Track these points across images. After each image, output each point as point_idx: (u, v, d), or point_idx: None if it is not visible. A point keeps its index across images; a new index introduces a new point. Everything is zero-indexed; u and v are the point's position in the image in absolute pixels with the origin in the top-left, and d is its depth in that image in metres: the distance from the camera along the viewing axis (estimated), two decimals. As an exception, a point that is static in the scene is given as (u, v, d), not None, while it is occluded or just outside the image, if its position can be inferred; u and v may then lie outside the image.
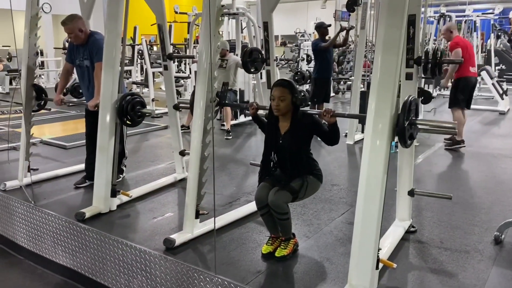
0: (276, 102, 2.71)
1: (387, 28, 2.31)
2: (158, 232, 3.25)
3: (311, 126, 2.77)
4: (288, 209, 2.76)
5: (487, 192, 4.18)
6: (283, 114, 2.76)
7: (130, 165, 4.74)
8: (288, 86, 2.73)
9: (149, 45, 11.04)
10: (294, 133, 2.76)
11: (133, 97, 3.66)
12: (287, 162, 2.81)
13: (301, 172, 2.80)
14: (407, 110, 2.33)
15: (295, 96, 2.73)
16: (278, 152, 2.84)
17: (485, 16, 11.90)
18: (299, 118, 2.77)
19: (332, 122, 2.67)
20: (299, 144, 2.78)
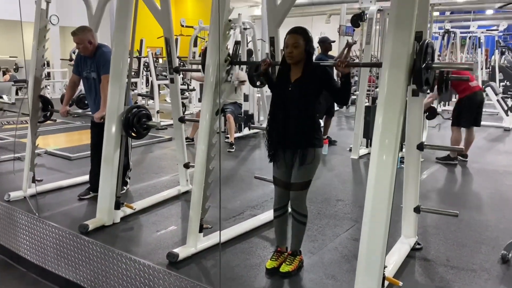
0: (290, 49, 2.65)
1: (394, 44, 2.32)
2: (162, 245, 3.22)
3: (323, 77, 2.70)
4: (307, 212, 2.85)
5: (493, 209, 4.14)
6: (296, 62, 2.69)
7: (134, 177, 4.73)
8: (303, 33, 2.67)
9: (155, 57, 11.12)
10: (305, 81, 2.68)
11: (139, 110, 3.67)
12: (294, 115, 2.70)
13: (306, 132, 2.70)
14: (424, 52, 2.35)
15: (309, 44, 2.68)
16: (286, 102, 2.72)
17: (490, 33, 11.96)
18: (312, 67, 2.72)
19: (346, 72, 2.61)
20: (308, 93, 2.69)
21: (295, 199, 2.80)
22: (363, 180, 5.14)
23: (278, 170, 2.83)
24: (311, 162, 2.70)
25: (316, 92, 2.71)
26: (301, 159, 2.69)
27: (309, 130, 2.71)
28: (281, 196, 2.87)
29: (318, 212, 3.91)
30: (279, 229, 2.93)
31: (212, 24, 3.06)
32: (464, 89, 5.62)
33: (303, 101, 2.69)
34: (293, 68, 2.74)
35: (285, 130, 2.73)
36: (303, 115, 2.70)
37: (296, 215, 2.82)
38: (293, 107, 2.70)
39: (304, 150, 2.69)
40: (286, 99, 2.72)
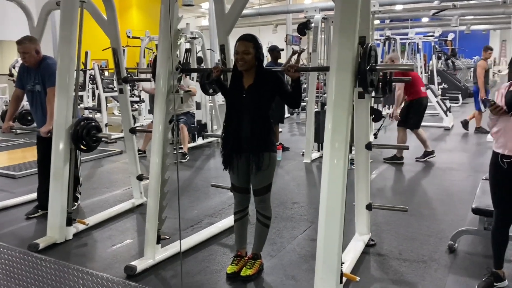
0: (240, 56, 2.69)
1: (340, 49, 2.42)
2: (118, 259, 3.14)
3: (275, 83, 2.75)
4: (271, 215, 2.89)
5: (439, 203, 4.38)
6: (247, 69, 2.73)
7: (85, 192, 4.59)
8: (252, 40, 2.72)
9: (101, 69, 10.84)
10: (258, 87, 2.73)
11: (88, 122, 3.59)
12: (249, 121, 2.73)
13: (261, 137, 2.73)
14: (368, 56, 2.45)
15: (259, 51, 2.73)
16: (241, 108, 2.76)
17: (426, 39, 12.65)
18: (263, 73, 2.77)
19: (296, 77, 2.69)
20: (262, 100, 2.74)
21: (259, 202, 2.84)
22: (316, 182, 5.27)
23: (235, 177, 2.85)
24: (268, 166, 2.75)
25: (270, 98, 2.77)
26: (258, 164, 2.73)
27: (264, 135, 2.76)
28: (241, 200, 2.90)
29: (275, 216, 3.96)
30: (239, 231, 2.95)
31: (161, 33, 3.05)
32: (415, 92, 5.93)
33: (257, 107, 2.74)
34: (245, 75, 2.78)
35: (240, 136, 2.76)
36: (258, 121, 2.75)
37: (260, 217, 2.86)
38: (248, 113, 2.74)
39: (260, 155, 2.73)
40: (241, 106, 2.76)
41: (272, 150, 2.80)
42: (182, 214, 4.06)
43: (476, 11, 17.44)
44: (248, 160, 2.77)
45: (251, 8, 20.68)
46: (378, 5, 6.31)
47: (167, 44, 3.02)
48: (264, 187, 2.80)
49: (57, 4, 4.05)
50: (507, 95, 2.52)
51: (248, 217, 2.98)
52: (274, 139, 2.88)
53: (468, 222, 3.66)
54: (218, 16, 3.58)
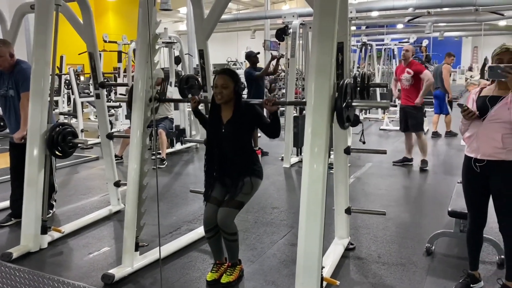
0: (219, 89, 2.70)
1: (319, 54, 2.44)
2: (95, 268, 3.08)
3: (253, 116, 2.77)
4: (236, 230, 2.77)
5: (416, 206, 4.46)
6: (226, 102, 2.74)
7: (60, 200, 4.48)
8: (231, 74, 2.74)
9: (77, 74, 10.65)
10: (237, 122, 2.74)
11: (64, 127, 3.51)
12: (230, 153, 2.76)
13: (244, 166, 2.76)
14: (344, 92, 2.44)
15: (238, 85, 2.74)
16: (221, 142, 2.78)
17: (402, 45, 12.87)
18: (242, 107, 2.77)
19: (274, 111, 2.70)
20: (241, 133, 2.75)
21: (223, 218, 2.69)
22: (296, 187, 5.28)
23: (214, 191, 2.82)
24: (249, 188, 2.75)
25: (249, 128, 2.80)
26: (239, 184, 2.74)
27: (248, 164, 2.79)
28: (210, 215, 2.76)
29: (255, 221, 3.95)
30: (214, 247, 2.88)
31: (139, 37, 3.02)
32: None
33: (237, 141, 2.76)
34: (223, 108, 2.80)
35: (222, 167, 2.79)
36: (240, 153, 2.77)
37: (226, 235, 2.75)
38: (229, 147, 2.77)
39: (241, 180, 2.75)
40: (221, 140, 2.79)
41: (255, 175, 2.81)
42: (161, 220, 4.00)
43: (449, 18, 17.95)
44: (230, 183, 2.78)
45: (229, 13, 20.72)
46: (355, 12, 6.39)
47: (145, 49, 2.98)
48: (236, 201, 2.72)
49: (31, 7, 3.97)
50: (478, 101, 2.58)
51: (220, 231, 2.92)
52: (259, 164, 2.88)
53: (444, 225, 3.73)
54: (197, 21, 3.57)
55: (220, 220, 2.70)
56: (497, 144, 2.47)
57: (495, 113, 2.47)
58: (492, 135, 2.48)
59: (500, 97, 2.48)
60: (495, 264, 3.05)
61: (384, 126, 9.61)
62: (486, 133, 2.51)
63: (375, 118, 11.14)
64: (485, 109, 2.51)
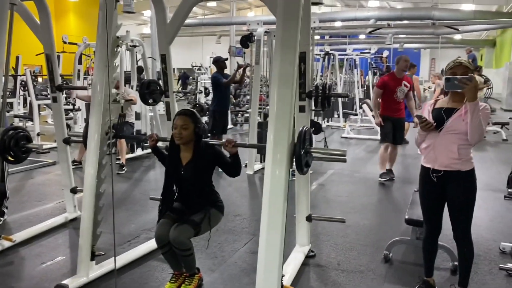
0: (179, 130, 2.67)
1: (281, 64, 2.45)
2: (48, 278, 2.96)
3: (214, 157, 2.76)
4: (191, 245, 2.70)
5: (375, 213, 4.55)
6: (185, 143, 2.71)
7: (12, 206, 4.28)
8: (191, 115, 2.71)
9: (34, 76, 10.27)
10: (197, 164, 2.72)
11: (17, 131, 3.35)
12: (189, 193, 2.75)
13: (203, 204, 2.75)
14: (302, 139, 2.47)
15: (198, 126, 2.71)
16: (180, 183, 2.76)
17: (363, 55, 13.23)
18: (202, 148, 2.75)
19: (234, 153, 2.70)
20: (201, 174, 2.74)
21: (177, 236, 2.61)
22: (259, 194, 5.28)
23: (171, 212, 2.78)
24: (208, 219, 2.72)
25: (209, 169, 2.79)
26: (199, 214, 2.70)
27: (206, 199, 2.77)
28: (162, 233, 2.67)
29: (217, 229, 3.89)
30: (170, 260, 2.82)
31: (98, 40, 2.94)
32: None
33: (197, 182, 2.74)
34: (183, 149, 2.77)
35: (180, 204, 2.78)
36: (199, 194, 2.75)
37: (178, 251, 2.66)
38: (187, 186, 2.75)
39: (203, 209, 2.73)
40: (180, 181, 2.76)
41: (217, 207, 2.81)
42: (119, 228, 3.90)
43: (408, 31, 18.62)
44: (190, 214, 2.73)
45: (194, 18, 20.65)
46: (318, 21, 6.49)
47: (105, 52, 2.91)
48: (192, 220, 2.66)
49: (-16, 5, 3.78)
50: (433, 112, 2.67)
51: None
52: (218, 199, 2.86)
53: (402, 232, 3.82)
54: (159, 25, 3.51)
55: (173, 239, 2.61)
56: (453, 155, 2.55)
57: (451, 125, 2.55)
58: (448, 146, 2.57)
59: (455, 109, 2.57)
60: (449, 271, 3.15)
61: (345, 134, 9.82)
62: (442, 144, 2.59)
63: (337, 126, 11.36)
64: (441, 120, 2.59)
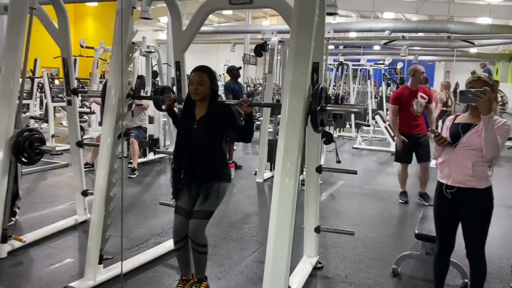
0: (195, 86, 2.67)
1: (294, 73, 2.46)
2: (56, 280, 2.97)
3: (227, 115, 2.74)
4: (207, 242, 2.74)
5: (385, 227, 4.50)
6: (201, 99, 2.71)
7: (24, 207, 4.33)
8: (207, 71, 2.72)
9: (51, 78, 10.43)
10: (210, 119, 2.71)
11: (31, 133, 3.42)
12: (200, 151, 2.71)
13: (212, 169, 2.71)
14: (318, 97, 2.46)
15: (214, 82, 2.72)
16: (192, 139, 2.72)
17: (377, 66, 13.19)
18: (217, 105, 2.75)
19: (249, 112, 2.69)
20: (213, 131, 2.72)
21: (194, 229, 2.69)
22: (268, 202, 5.27)
23: (181, 200, 2.78)
24: (216, 195, 2.71)
25: (221, 130, 2.77)
26: (207, 192, 2.69)
27: (216, 165, 2.74)
28: (180, 227, 2.74)
29: (225, 236, 3.91)
30: (182, 260, 2.84)
31: (114, 45, 2.98)
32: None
33: (208, 138, 2.72)
34: (198, 105, 2.77)
35: (191, 167, 2.74)
36: (209, 152, 2.72)
37: (195, 247, 2.72)
38: (199, 144, 2.72)
39: (210, 184, 2.70)
40: (191, 136, 2.74)
41: (223, 179, 2.78)
42: (128, 232, 3.92)
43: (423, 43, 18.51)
44: (198, 189, 2.73)
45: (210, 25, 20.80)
46: (332, 32, 6.51)
47: (120, 58, 2.94)
48: (205, 211, 2.70)
49: (4, 9, 3.87)
50: (452, 128, 2.64)
51: (189, 243, 2.89)
52: (228, 168, 2.85)
53: (411, 247, 3.77)
54: (174, 32, 3.55)
55: (191, 233, 2.68)
56: (467, 171, 2.52)
57: (467, 140, 2.52)
58: (463, 162, 2.53)
59: (473, 124, 2.54)
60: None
61: (357, 144, 9.75)
62: (457, 160, 2.55)
63: (348, 136, 11.31)
64: (458, 136, 2.56)
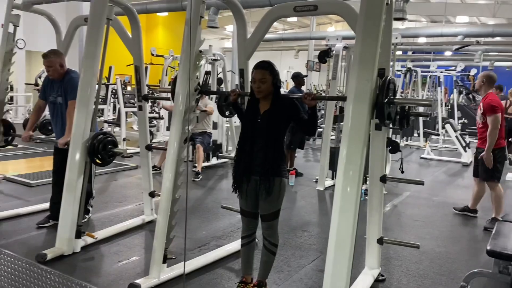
0: (257, 84, 2.71)
1: (358, 80, 2.42)
2: (123, 276, 3.13)
3: (291, 109, 2.75)
4: (278, 242, 2.84)
5: (453, 241, 4.27)
6: (265, 96, 2.75)
7: (96, 206, 4.61)
8: (268, 68, 2.74)
9: (123, 85, 11.06)
10: (274, 113, 2.73)
11: (105, 136, 3.63)
12: (262, 143, 2.72)
13: (272, 163, 2.71)
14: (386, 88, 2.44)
15: (276, 77, 2.75)
16: (255, 133, 2.75)
17: (448, 73, 12.59)
18: (280, 99, 2.77)
19: (313, 105, 2.68)
20: (277, 124, 2.73)
21: (267, 228, 2.80)
22: (328, 211, 5.20)
23: (244, 201, 2.83)
24: (277, 191, 2.73)
25: (284, 124, 2.77)
26: (268, 189, 2.70)
27: (276, 160, 2.74)
28: (248, 224, 2.88)
29: (284, 243, 3.91)
30: (246, 257, 2.92)
31: (183, 53, 3.10)
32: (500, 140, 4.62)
33: (271, 132, 2.73)
34: (262, 101, 2.80)
35: (252, 160, 2.75)
36: (271, 146, 2.73)
37: (267, 244, 2.81)
38: (261, 138, 2.73)
39: (270, 180, 2.71)
40: (255, 130, 2.76)
41: (283, 175, 2.78)
42: (190, 234, 4.04)
43: (500, 48, 17.37)
44: (257, 185, 2.75)
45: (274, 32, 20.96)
46: (400, 37, 6.31)
47: (188, 65, 3.06)
48: (272, 213, 2.77)
49: (85, 20, 4.17)
50: None
51: (256, 242, 2.95)
52: (285, 165, 2.86)
53: (482, 264, 3.54)
54: (239, 40, 3.63)
55: (264, 231, 2.82)
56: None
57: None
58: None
59: None
60: (537, 311, 2.86)
61: (425, 154, 9.32)
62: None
63: (416, 145, 10.86)
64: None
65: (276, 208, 2.78)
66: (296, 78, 6.98)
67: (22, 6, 4.30)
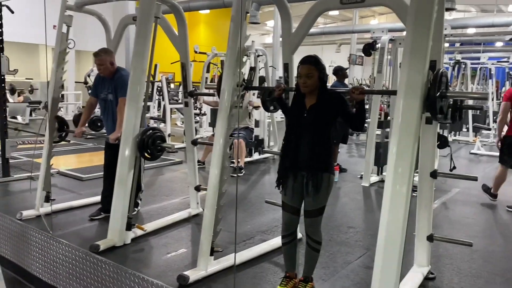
0: (303, 79, 2.68)
1: (409, 73, 2.35)
2: (172, 268, 3.21)
3: (338, 103, 2.71)
4: (321, 240, 2.80)
5: (507, 240, 4.08)
6: (311, 91, 2.73)
7: (145, 199, 4.75)
8: (315, 63, 2.70)
9: (168, 82, 11.32)
10: (320, 107, 2.70)
11: (154, 132, 3.73)
12: (308, 139, 2.70)
13: (319, 158, 2.69)
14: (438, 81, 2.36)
15: (322, 72, 2.71)
16: (301, 128, 2.73)
17: (500, 64, 12.01)
18: (327, 94, 2.74)
19: (361, 99, 2.63)
20: (324, 119, 2.70)
21: (310, 225, 2.77)
22: (374, 207, 5.11)
23: (288, 196, 2.82)
24: (325, 188, 2.70)
25: (331, 118, 2.74)
26: (315, 185, 2.68)
27: (324, 155, 2.71)
28: (289, 222, 2.83)
29: (330, 239, 3.88)
30: (288, 255, 2.90)
31: (229, 49, 3.13)
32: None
33: (317, 127, 2.71)
34: (308, 95, 2.77)
35: (299, 155, 2.73)
36: (317, 141, 2.71)
37: (310, 242, 2.79)
38: (308, 133, 2.71)
39: (318, 175, 2.69)
40: (301, 125, 2.75)
41: (331, 171, 2.75)
42: (236, 228, 4.08)
43: (558, 37, 16.35)
44: (304, 180, 2.73)
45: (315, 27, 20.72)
46: (449, 28, 6.08)
47: (234, 61, 3.08)
48: (317, 209, 2.73)
49: (133, 19, 4.29)
50: None
51: (297, 240, 2.92)
52: (332, 160, 2.82)
53: (540, 264, 3.38)
54: (284, 35, 3.62)
55: (307, 228, 2.77)
56: None
57: None
58: None
59: None
60: None
61: (475, 150, 8.95)
62: None
63: (465, 140, 10.45)
64: None
65: (322, 204, 2.75)
66: (337, 72, 6.87)
67: (74, 7, 4.48)
